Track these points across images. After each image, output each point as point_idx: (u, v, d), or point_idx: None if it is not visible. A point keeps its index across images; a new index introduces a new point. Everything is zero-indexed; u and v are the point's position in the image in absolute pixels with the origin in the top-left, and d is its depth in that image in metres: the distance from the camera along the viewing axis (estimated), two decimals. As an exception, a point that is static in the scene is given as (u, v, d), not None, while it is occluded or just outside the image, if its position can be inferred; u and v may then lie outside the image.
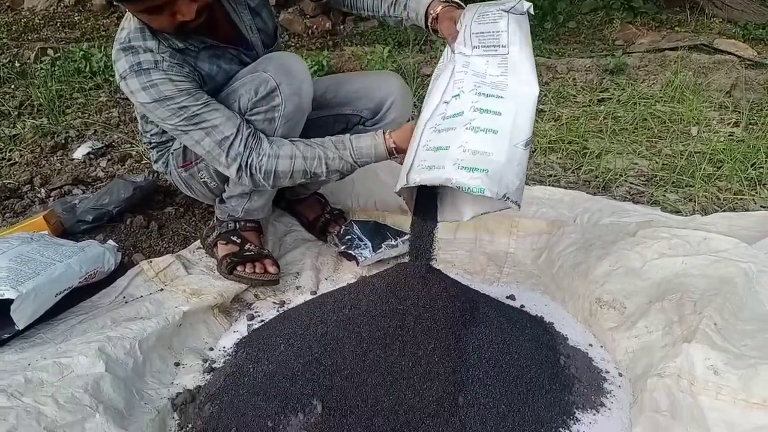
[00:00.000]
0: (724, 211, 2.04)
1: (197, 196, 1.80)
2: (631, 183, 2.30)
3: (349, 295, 1.32)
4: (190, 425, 1.23)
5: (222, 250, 1.71)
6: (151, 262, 1.66)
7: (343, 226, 1.87)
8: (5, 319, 1.30)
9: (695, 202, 2.13)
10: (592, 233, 1.69)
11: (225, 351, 1.45)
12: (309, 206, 2.00)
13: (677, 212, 2.05)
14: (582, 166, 2.40)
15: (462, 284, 1.36)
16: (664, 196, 2.18)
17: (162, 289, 1.60)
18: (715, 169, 2.34)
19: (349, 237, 1.82)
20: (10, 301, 1.28)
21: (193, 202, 2.03)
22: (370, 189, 2.16)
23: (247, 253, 1.67)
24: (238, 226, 1.72)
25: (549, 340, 1.32)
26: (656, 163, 2.43)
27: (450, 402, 1.10)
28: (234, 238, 1.70)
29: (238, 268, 1.64)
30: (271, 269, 1.65)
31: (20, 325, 1.30)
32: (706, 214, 1.96)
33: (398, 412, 1.09)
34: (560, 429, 1.13)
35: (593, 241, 1.64)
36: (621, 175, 2.31)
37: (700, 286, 1.38)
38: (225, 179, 1.66)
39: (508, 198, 1.18)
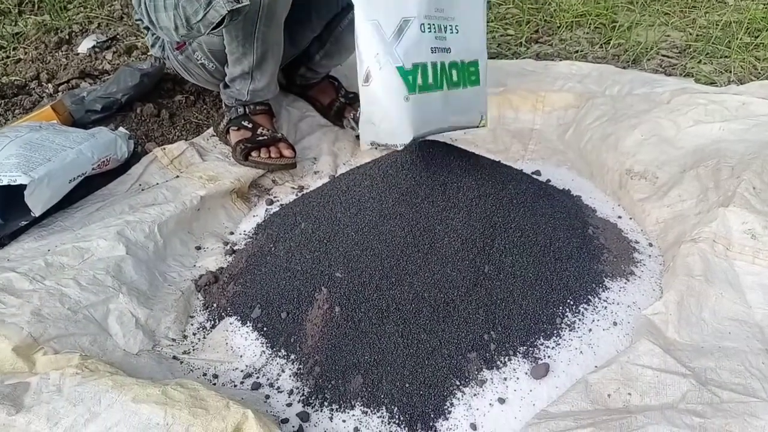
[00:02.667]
0: (761, 80, 1.92)
1: (199, 82, 1.73)
2: (663, 56, 2.17)
3: (371, 170, 1.27)
4: (214, 304, 1.22)
5: (234, 136, 1.65)
6: (164, 149, 1.61)
7: (359, 109, 1.80)
8: (21, 206, 1.27)
9: (731, 72, 2.01)
10: (622, 104, 1.60)
11: (245, 234, 1.43)
12: (322, 90, 1.92)
13: (712, 83, 1.94)
14: (610, 40, 2.26)
15: (486, 158, 1.30)
16: (698, 67, 2.06)
17: (178, 176, 1.57)
18: (752, 38, 2.20)
19: (367, 120, 1.75)
20: (23, 188, 1.25)
21: (203, 89, 1.95)
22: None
23: (260, 138, 1.61)
24: (247, 110, 1.66)
25: (576, 211, 1.28)
26: (689, 34, 2.28)
27: (475, 271, 1.07)
28: (245, 123, 1.64)
29: (253, 153, 1.59)
30: (287, 152, 1.60)
31: (36, 211, 1.28)
32: (742, 84, 1.85)
33: (420, 282, 1.07)
34: (589, 296, 1.10)
35: (624, 111, 1.56)
36: (652, 48, 2.18)
37: (738, 150, 1.30)
38: (221, 59, 1.58)
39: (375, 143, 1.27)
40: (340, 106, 1.87)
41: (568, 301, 1.08)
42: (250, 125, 1.64)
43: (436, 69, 1.26)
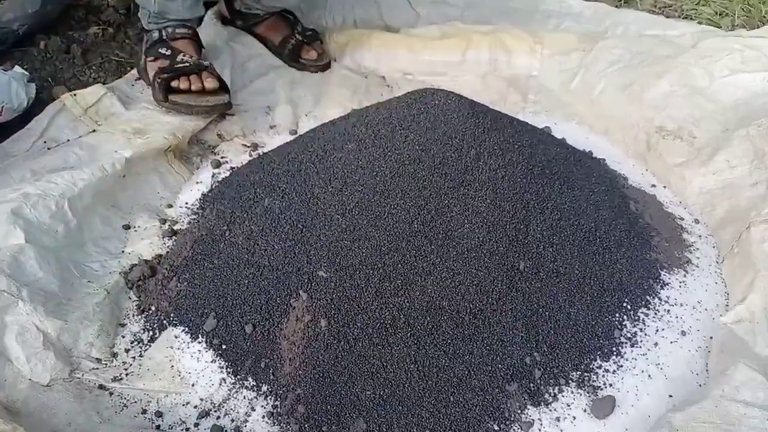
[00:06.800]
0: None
1: None
2: (658, -6, 1.93)
3: (355, 129, 0.97)
4: (152, 307, 0.92)
5: (151, 69, 1.31)
6: (75, 95, 1.25)
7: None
8: None
9: (734, 15, 1.79)
10: (639, 47, 1.35)
11: (188, 208, 1.12)
12: (272, 27, 1.57)
13: (717, 27, 1.72)
14: (598, -27, 2.00)
15: (502, 114, 1.03)
16: (696, 9, 1.83)
17: (95, 130, 1.22)
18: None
19: None
20: None
21: (125, 20, 1.58)
22: (348, 2, 1.73)
23: (181, 65, 1.27)
24: (165, 35, 1.31)
25: (611, 181, 1.03)
26: (684, -30, 2.05)
27: (508, 269, 0.81)
28: (162, 51, 1.29)
29: (173, 83, 1.25)
30: (209, 83, 1.26)
31: None
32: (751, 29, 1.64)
33: (436, 285, 0.80)
34: (647, 297, 0.87)
35: (643, 57, 1.31)
36: (645, -15, 1.93)
37: (794, 107, 1.09)
38: None
39: None
40: (296, 44, 1.54)
41: (625, 304, 0.84)
42: (167, 52, 1.29)
43: None
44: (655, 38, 1.40)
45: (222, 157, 1.26)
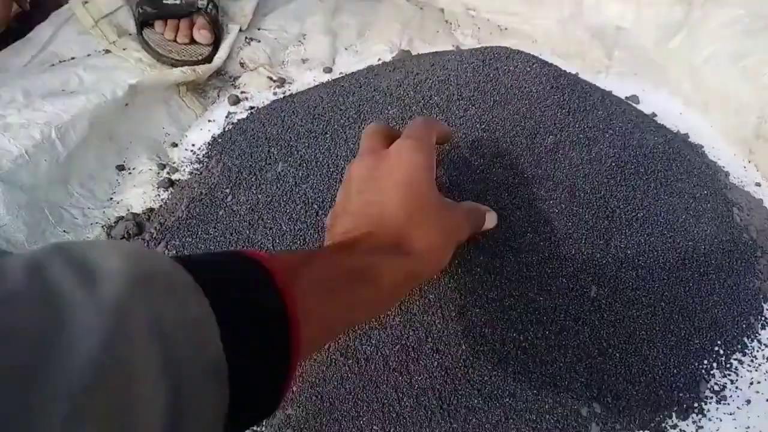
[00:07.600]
0: None
1: None
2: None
3: (399, 87, 0.77)
4: (134, 271, 0.77)
5: None
6: (87, 2, 1.08)
7: None
8: None
9: None
10: (762, 8, 1.10)
11: (194, 152, 0.95)
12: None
13: None
14: None
15: (600, 90, 0.82)
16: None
17: (108, 51, 1.05)
18: None
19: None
20: None
21: None
22: None
23: (169, 1, 1.05)
24: None
25: (713, 180, 0.81)
26: None
27: (578, 295, 0.63)
28: None
29: (156, 26, 1.05)
30: (200, 35, 1.05)
31: None
32: None
33: (475, 306, 0.62)
34: (744, 339, 0.67)
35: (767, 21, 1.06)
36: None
37: None
38: None
39: None
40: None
41: (716, 348, 0.65)
42: None
43: None
44: (783, -4, 1.13)
45: (242, 92, 1.08)
